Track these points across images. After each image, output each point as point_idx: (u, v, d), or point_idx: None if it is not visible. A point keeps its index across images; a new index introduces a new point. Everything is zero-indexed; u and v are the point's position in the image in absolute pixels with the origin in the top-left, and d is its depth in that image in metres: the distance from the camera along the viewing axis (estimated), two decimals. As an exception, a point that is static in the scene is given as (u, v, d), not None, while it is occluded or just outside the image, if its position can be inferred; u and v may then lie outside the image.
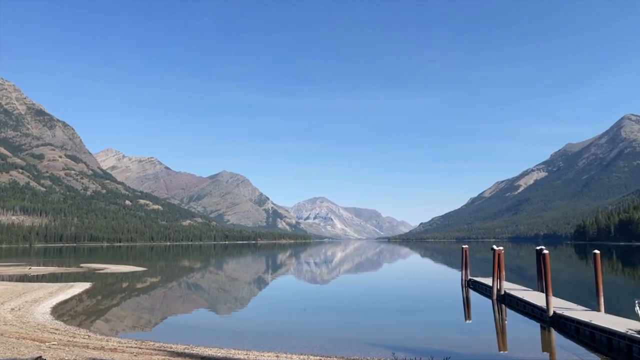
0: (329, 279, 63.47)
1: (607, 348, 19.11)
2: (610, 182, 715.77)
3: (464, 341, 22.34)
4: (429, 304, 36.73)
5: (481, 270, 54.54)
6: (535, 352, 20.17)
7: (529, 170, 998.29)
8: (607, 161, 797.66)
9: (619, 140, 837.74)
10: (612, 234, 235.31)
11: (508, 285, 36.49)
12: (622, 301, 34.10)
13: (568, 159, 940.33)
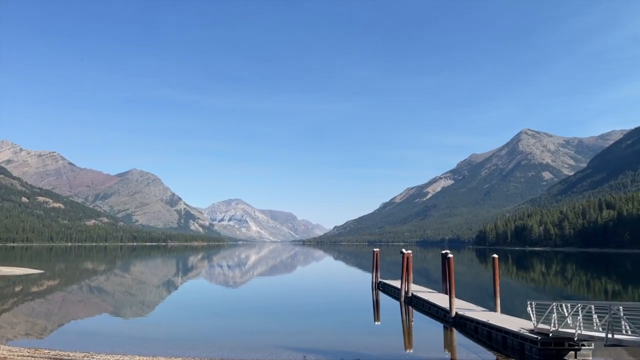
0: (242, 282, 62.61)
1: (502, 346, 20.45)
2: (508, 191, 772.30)
3: (373, 342, 22.90)
4: (340, 306, 37.34)
5: (391, 273, 56.41)
6: (438, 351, 21.14)
7: (437, 178, 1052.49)
8: (507, 171, 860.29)
9: (517, 153, 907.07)
10: (509, 239, 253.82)
11: (415, 287, 38.03)
12: (516, 302, 36.75)
13: (472, 168, 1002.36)
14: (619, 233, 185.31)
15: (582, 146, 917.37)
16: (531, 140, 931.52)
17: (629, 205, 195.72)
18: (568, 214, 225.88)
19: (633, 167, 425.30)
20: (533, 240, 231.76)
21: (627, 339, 15.02)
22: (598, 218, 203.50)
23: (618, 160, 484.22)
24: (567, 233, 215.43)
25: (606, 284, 57.68)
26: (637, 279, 65.28)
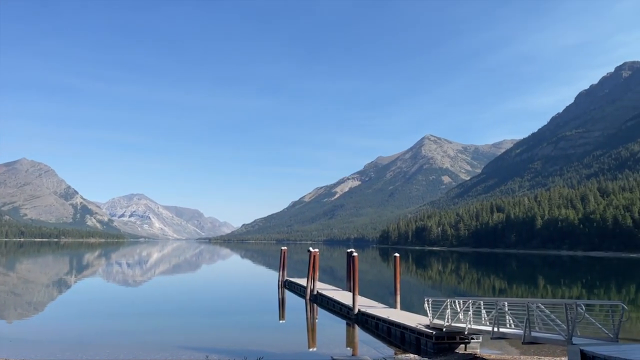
0: (142, 282, 59.85)
1: (401, 341, 21.35)
2: (411, 193, 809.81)
3: (277, 340, 22.89)
4: (245, 305, 36.96)
5: (298, 272, 56.80)
6: (341, 348, 21.59)
7: (345, 179, 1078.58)
8: (410, 174, 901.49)
9: (419, 157, 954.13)
10: (410, 239, 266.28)
11: (321, 285, 38.60)
12: (415, 299, 38.54)
13: (378, 170, 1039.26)
14: (507, 234, 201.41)
15: (478, 153, 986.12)
16: (433, 146, 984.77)
17: (516, 209, 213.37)
18: (463, 216, 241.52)
19: (521, 174, 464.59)
20: (432, 240, 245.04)
21: (510, 332, 16.35)
22: (489, 220, 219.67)
23: (508, 167, 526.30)
24: (462, 234, 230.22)
25: (494, 282, 62.36)
26: (521, 277, 71.20)
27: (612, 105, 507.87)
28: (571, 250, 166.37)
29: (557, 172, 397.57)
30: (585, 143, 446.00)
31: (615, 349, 12.38)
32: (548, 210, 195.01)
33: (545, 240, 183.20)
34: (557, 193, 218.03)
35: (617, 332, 13.59)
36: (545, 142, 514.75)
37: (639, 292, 49.52)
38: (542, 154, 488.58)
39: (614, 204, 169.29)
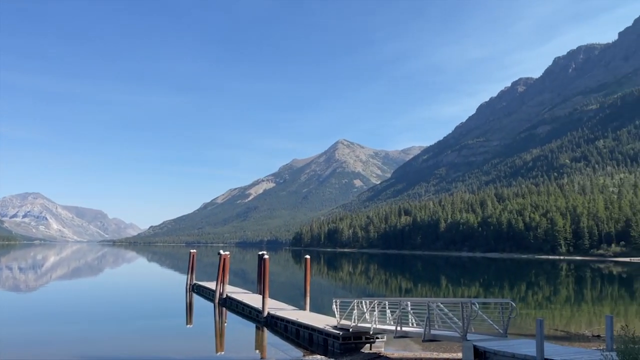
0: (34, 287, 55.37)
1: (309, 343, 21.53)
2: (324, 195, 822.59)
3: (184, 346, 22.17)
4: (150, 311, 35.43)
5: (208, 275, 55.48)
6: (249, 351, 21.37)
7: (259, 180, 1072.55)
8: (324, 177, 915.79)
9: (333, 161, 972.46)
10: (322, 241, 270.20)
11: (231, 288, 37.99)
12: (325, 300, 39.08)
13: (293, 172, 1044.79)
14: (413, 236, 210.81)
15: (388, 158, 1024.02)
16: (346, 150, 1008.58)
17: (422, 212, 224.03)
18: (374, 219, 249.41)
19: (427, 179, 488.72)
20: (343, 242, 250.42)
21: (412, 331, 17.10)
22: (397, 223, 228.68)
23: (416, 172, 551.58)
24: (372, 236, 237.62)
25: (401, 282, 64.93)
26: (425, 277, 74.73)
27: (509, 118, 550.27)
28: (471, 251, 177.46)
29: (460, 178, 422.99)
30: (485, 151, 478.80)
31: (504, 344, 13.36)
32: (451, 214, 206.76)
33: (448, 242, 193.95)
34: (459, 198, 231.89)
35: (507, 328, 14.69)
36: (449, 149, 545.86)
37: (529, 290, 53.83)
38: (446, 161, 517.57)
39: (508, 208, 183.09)
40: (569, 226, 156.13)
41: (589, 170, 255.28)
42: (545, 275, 79.27)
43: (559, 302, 42.56)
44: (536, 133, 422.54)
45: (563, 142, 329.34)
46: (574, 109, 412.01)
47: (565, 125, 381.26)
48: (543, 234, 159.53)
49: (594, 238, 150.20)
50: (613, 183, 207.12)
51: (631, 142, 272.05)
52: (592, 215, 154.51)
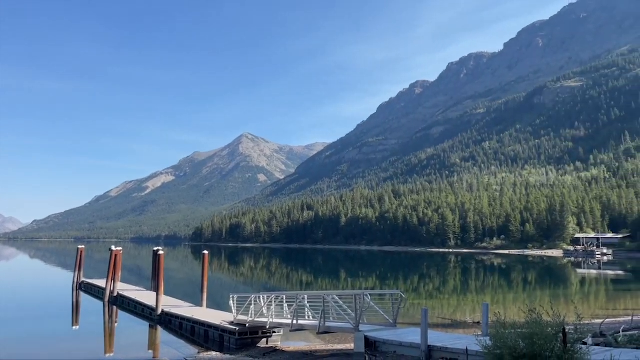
0: None
1: (205, 340, 21.05)
2: (227, 190, 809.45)
3: (69, 349, 20.70)
4: (33, 312, 32.56)
5: (99, 272, 52.23)
6: (141, 351, 20.43)
7: (158, 173, 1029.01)
8: (227, 171, 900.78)
9: (237, 155, 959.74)
10: (224, 236, 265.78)
11: (123, 286, 36.08)
12: (225, 296, 38.46)
13: (195, 166, 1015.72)
14: (315, 231, 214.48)
15: (293, 154, 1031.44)
16: (251, 144, 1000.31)
17: (324, 207, 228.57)
18: (277, 214, 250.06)
19: (329, 175, 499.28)
20: (246, 237, 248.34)
21: (307, 324, 17.34)
22: (300, 218, 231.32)
23: (319, 168, 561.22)
24: (275, 231, 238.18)
25: (302, 276, 65.74)
26: (325, 271, 76.32)
27: (407, 118, 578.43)
28: (369, 245, 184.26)
29: (360, 174, 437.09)
30: (384, 150, 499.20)
31: (393, 333, 13.99)
32: (351, 209, 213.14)
33: (348, 237, 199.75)
34: (359, 194, 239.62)
35: (396, 317, 15.40)
36: (351, 146, 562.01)
37: (421, 282, 57.01)
38: (348, 158, 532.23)
39: (404, 204, 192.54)
40: (457, 221, 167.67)
41: (476, 169, 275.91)
42: (436, 267, 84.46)
43: (447, 292, 45.55)
44: (430, 133, 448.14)
45: (454, 142, 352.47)
46: (465, 112, 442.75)
47: (456, 127, 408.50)
48: (435, 228, 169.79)
49: (478, 232, 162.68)
50: (496, 182, 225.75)
51: (512, 144, 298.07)
52: (477, 211, 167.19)
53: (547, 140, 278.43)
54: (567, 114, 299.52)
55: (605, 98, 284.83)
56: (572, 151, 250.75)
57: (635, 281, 59.97)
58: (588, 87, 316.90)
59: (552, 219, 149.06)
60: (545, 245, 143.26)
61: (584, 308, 32.19)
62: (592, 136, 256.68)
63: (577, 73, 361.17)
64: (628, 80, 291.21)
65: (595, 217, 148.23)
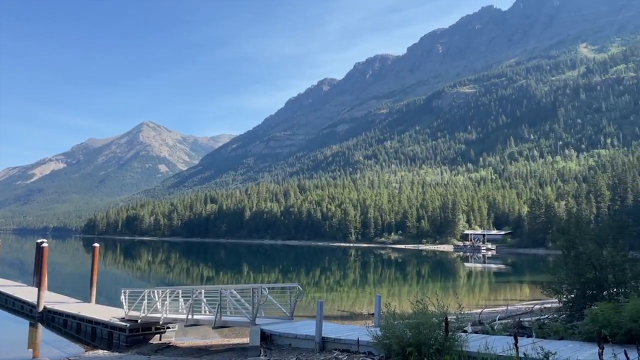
0: None
1: (92, 337, 19.78)
2: (124, 180, 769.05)
3: None
4: None
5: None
6: (19, 351, 18.74)
7: (46, 160, 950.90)
8: (125, 160, 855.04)
9: (137, 143, 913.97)
10: (120, 228, 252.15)
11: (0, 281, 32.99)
12: (117, 291, 36.49)
13: (89, 153, 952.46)
14: (218, 225, 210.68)
15: (197, 144, 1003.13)
16: (152, 133, 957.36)
17: (228, 200, 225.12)
18: (178, 206, 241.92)
19: (235, 167, 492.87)
20: (144, 230, 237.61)
21: (203, 318, 16.95)
22: (203, 211, 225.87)
23: (224, 160, 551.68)
24: (175, 224, 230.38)
25: (203, 270, 64.32)
26: (228, 265, 75.26)
27: (314, 114, 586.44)
28: (273, 239, 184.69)
29: (266, 168, 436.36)
30: (291, 144, 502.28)
31: (289, 326, 14.09)
32: (256, 203, 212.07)
33: (252, 230, 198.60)
34: (264, 188, 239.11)
35: (293, 310, 15.54)
36: (258, 140, 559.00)
37: (322, 275, 58.17)
38: (255, 151, 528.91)
39: (309, 199, 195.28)
40: (359, 216, 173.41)
41: (377, 167, 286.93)
42: (337, 261, 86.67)
43: (347, 285, 46.93)
44: (336, 131, 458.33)
45: (358, 140, 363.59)
46: (369, 112, 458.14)
47: (361, 125, 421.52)
48: (337, 223, 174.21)
49: (378, 227, 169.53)
50: (396, 179, 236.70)
51: (412, 144, 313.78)
52: (377, 207, 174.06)
53: (443, 142, 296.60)
54: (461, 118, 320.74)
55: (495, 105, 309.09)
56: (464, 153, 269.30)
57: (513, 274, 65.77)
58: (480, 94, 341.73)
59: (444, 216, 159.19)
60: (438, 241, 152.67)
61: (468, 299, 34.71)
62: (482, 140, 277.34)
63: (471, 80, 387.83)
64: (514, 90, 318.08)
65: (482, 215, 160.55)
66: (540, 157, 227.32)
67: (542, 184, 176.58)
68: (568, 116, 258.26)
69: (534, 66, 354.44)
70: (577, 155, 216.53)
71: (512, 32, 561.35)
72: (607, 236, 15.13)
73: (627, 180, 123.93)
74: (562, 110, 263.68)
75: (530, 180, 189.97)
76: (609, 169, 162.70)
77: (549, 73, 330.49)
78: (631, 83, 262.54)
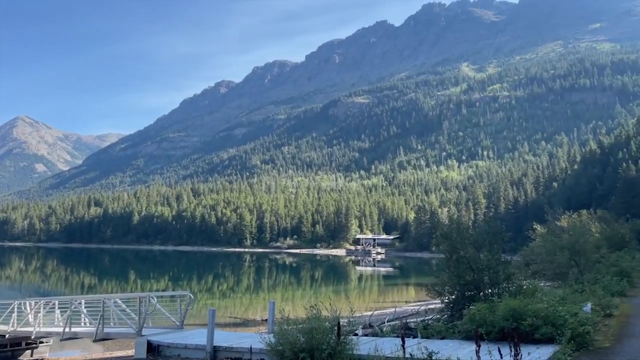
0: None
1: (-53, 358, 17.49)
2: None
3: None
4: None
5: None
6: None
7: None
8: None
9: (9, 139, 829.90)
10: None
11: None
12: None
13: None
14: (103, 229, 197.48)
15: (81, 143, 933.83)
16: (28, 129, 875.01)
17: (114, 203, 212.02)
18: (56, 209, 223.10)
19: (123, 169, 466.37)
20: (15, 235, 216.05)
21: (82, 331, 15.67)
22: (86, 214, 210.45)
23: (112, 161, 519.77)
24: (54, 228, 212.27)
25: (85, 278, 59.87)
26: (113, 272, 70.79)
27: (210, 116, 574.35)
28: (163, 245, 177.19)
29: (158, 170, 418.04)
30: (185, 146, 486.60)
31: (179, 336, 13.51)
32: (146, 207, 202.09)
33: (140, 236, 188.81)
34: (155, 191, 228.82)
35: (183, 319, 14.93)
36: (150, 140, 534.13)
37: (215, 281, 56.85)
38: (146, 152, 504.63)
39: (203, 203, 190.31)
40: (254, 221, 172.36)
41: (275, 172, 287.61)
42: (231, 266, 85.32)
43: (241, 291, 46.33)
44: (234, 134, 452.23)
45: (256, 145, 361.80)
46: (267, 116, 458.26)
47: (259, 129, 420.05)
48: (232, 228, 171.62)
49: (274, 232, 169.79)
50: (292, 185, 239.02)
51: (308, 151, 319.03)
52: (274, 212, 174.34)
53: (338, 150, 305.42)
54: (355, 127, 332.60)
55: (387, 116, 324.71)
56: (358, 161, 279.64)
57: (401, 276, 69.35)
58: (374, 104, 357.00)
59: (338, 221, 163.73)
60: (332, 245, 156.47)
61: (359, 302, 35.89)
62: (375, 148, 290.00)
63: (365, 91, 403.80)
64: (404, 102, 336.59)
65: (373, 220, 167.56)
66: (426, 167, 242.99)
67: (428, 192, 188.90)
68: (451, 129, 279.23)
69: (422, 81, 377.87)
70: (459, 165, 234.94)
71: (404, 48, 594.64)
72: (484, 241, 16.42)
73: (500, 190, 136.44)
74: (446, 123, 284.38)
75: (417, 188, 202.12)
76: (485, 179, 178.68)
77: (436, 88, 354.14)
78: (505, 101, 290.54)
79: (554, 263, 24.94)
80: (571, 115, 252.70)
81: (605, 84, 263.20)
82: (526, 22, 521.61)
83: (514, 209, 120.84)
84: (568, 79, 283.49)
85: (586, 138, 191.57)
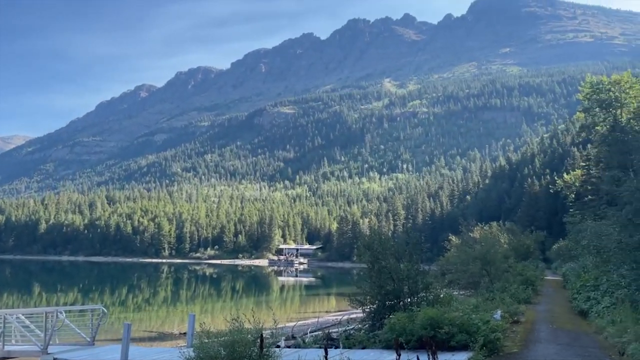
0: None
1: None
2: None
3: None
4: None
5: None
6: None
7: None
8: None
9: None
10: None
11: None
12: None
13: None
14: (4, 239, 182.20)
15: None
16: None
17: (18, 211, 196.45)
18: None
19: (29, 174, 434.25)
20: None
21: (19, 349, 14.19)
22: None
23: (17, 165, 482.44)
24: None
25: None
26: (14, 285, 65.39)
27: (129, 120, 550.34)
28: (73, 255, 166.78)
29: (69, 176, 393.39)
30: (101, 151, 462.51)
31: (90, 353, 12.69)
32: (55, 215, 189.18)
33: (47, 245, 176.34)
34: (66, 198, 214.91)
35: (94, 335, 14.04)
36: (61, 144, 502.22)
37: (130, 294, 54.17)
38: (56, 156, 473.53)
39: (118, 211, 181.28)
40: (173, 231, 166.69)
41: (196, 180, 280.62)
42: (148, 278, 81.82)
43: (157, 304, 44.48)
44: (153, 140, 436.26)
45: (177, 152, 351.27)
46: (190, 123, 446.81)
47: (180, 136, 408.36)
48: (150, 238, 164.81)
49: (194, 242, 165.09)
50: (215, 194, 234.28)
51: (232, 159, 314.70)
52: (194, 222, 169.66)
53: (263, 159, 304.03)
54: (281, 136, 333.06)
55: (312, 127, 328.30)
56: (282, 170, 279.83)
57: (323, 286, 69.90)
58: (299, 115, 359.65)
59: (262, 231, 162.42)
60: (254, 255, 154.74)
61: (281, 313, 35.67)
62: (299, 159, 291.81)
63: (291, 101, 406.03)
64: (329, 114, 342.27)
65: (297, 230, 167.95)
66: (349, 178, 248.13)
67: (350, 203, 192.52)
68: (373, 142, 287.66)
69: (346, 94, 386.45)
70: (380, 177, 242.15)
71: (329, 61, 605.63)
72: (404, 251, 16.94)
73: (418, 201, 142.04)
74: (368, 136, 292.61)
75: (340, 199, 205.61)
76: (405, 191, 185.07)
77: (359, 102, 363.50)
78: (424, 117, 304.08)
79: (468, 272, 26.27)
80: (483, 132, 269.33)
81: (513, 105, 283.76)
82: (444, 42, 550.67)
83: (430, 220, 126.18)
84: (481, 98, 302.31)
85: (496, 154, 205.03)
